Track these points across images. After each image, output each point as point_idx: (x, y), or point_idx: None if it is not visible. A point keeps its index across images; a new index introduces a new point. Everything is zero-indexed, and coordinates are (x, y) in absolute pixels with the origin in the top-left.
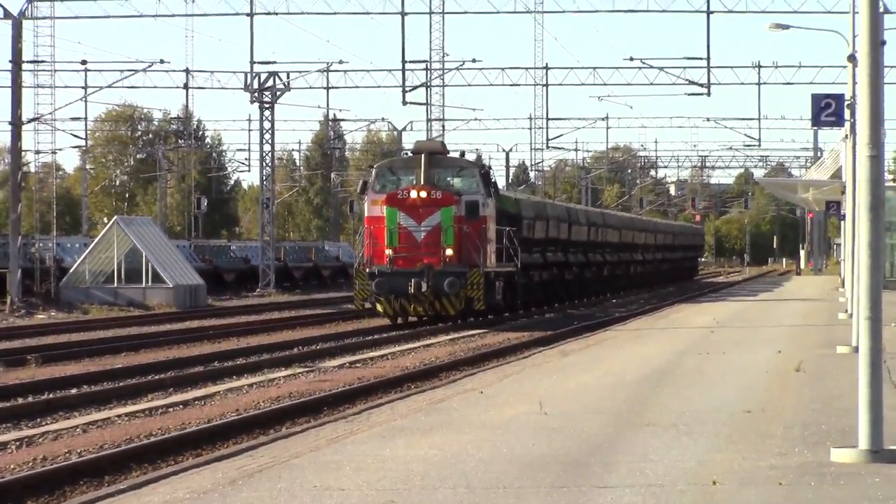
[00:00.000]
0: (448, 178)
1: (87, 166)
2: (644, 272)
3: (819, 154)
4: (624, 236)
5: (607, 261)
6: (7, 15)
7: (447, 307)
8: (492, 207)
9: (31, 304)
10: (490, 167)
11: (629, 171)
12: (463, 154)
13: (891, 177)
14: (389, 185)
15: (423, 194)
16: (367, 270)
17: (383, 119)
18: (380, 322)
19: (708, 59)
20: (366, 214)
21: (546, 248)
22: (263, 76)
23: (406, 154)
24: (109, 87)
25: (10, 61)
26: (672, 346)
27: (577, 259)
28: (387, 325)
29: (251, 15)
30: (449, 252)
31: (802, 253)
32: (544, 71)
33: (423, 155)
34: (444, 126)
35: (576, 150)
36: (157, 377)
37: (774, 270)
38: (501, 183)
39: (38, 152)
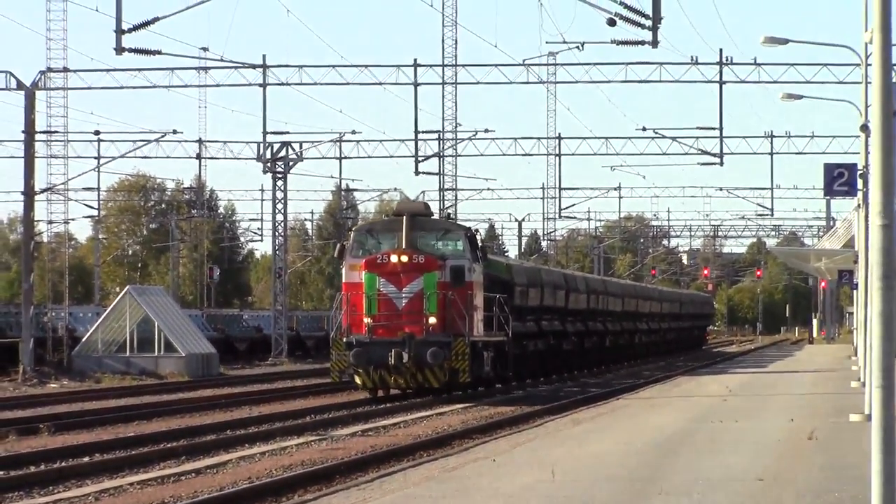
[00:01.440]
0: (432, 242)
1: (100, 236)
2: (649, 342)
3: (832, 223)
4: (627, 304)
5: (609, 330)
6: (20, 86)
7: (430, 379)
8: (479, 273)
9: (44, 374)
10: (477, 230)
11: (642, 240)
12: (449, 216)
13: None
14: (369, 249)
15: (405, 259)
16: (345, 340)
17: (396, 189)
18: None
19: (720, 128)
20: (343, 280)
21: (541, 317)
22: (276, 146)
23: (387, 217)
24: (122, 157)
25: (24, 132)
26: (684, 414)
27: (575, 328)
28: (397, 394)
29: (264, 86)
30: (432, 320)
31: (815, 321)
32: (557, 141)
33: (404, 217)
34: (456, 196)
35: (588, 219)
36: (169, 445)
37: (787, 339)
38: (513, 253)
39: (50, 222)
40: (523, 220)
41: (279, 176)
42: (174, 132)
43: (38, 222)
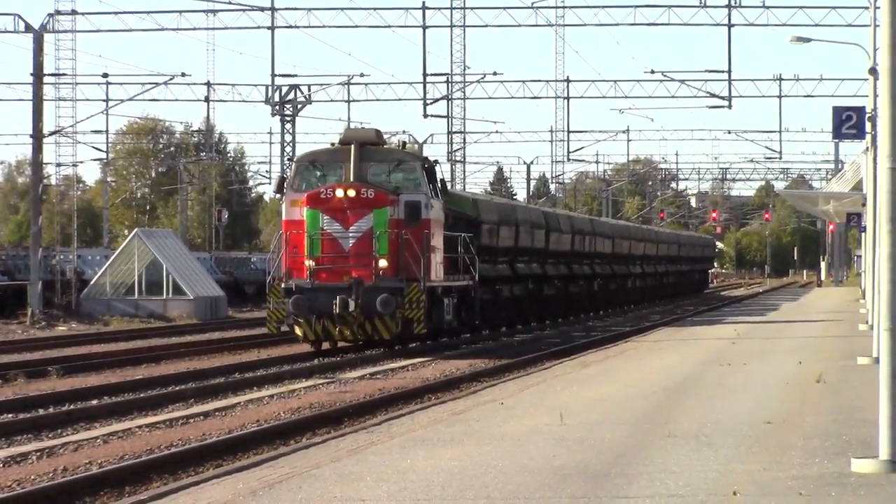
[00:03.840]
0: (384, 174)
1: (108, 179)
2: (644, 286)
3: (840, 166)
4: (618, 246)
5: (597, 273)
6: (29, 28)
7: (380, 330)
8: (438, 209)
9: (52, 316)
10: (437, 161)
11: (650, 183)
12: (404, 145)
13: None
14: (313, 183)
15: (352, 193)
16: (283, 286)
17: (404, 132)
18: None
19: (729, 71)
20: (283, 218)
21: (516, 258)
22: (284, 89)
23: (333, 145)
24: (131, 99)
25: (32, 74)
26: (693, 357)
27: (558, 271)
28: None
29: (272, 28)
30: (383, 263)
31: (823, 264)
32: (565, 84)
33: (352, 146)
34: (464, 138)
35: (597, 162)
36: (177, 388)
37: (795, 282)
38: (521, 195)
39: (59, 165)
40: (532, 163)
41: (287, 119)
42: (182, 75)
43: (47, 165)
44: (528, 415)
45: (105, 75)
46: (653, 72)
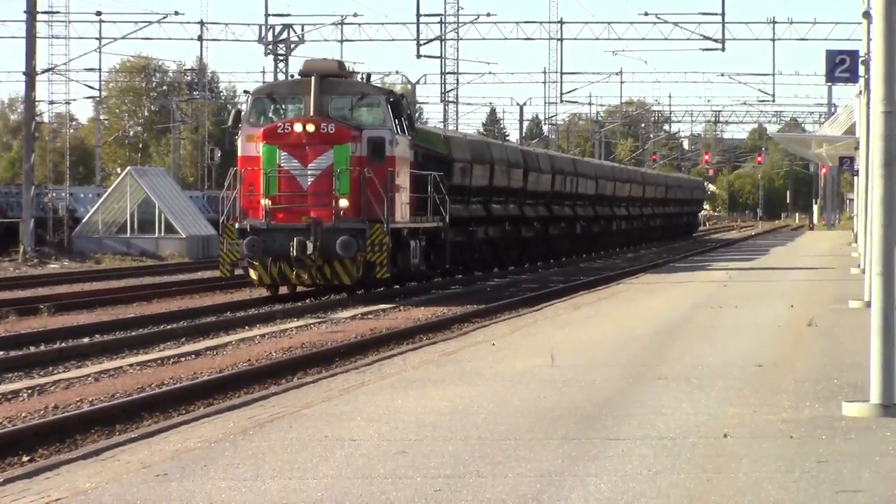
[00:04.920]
0: (346, 109)
1: (101, 117)
2: (630, 229)
3: (833, 110)
4: (602, 187)
5: (579, 216)
6: None
7: (340, 274)
8: (405, 146)
9: (44, 254)
10: (403, 96)
11: (643, 125)
12: (368, 78)
13: None
14: (270, 117)
15: (311, 128)
16: (237, 226)
17: (397, 72)
18: None
19: (723, 14)
20: (238, 154)
21: (491, 199)
22: (278, 29)
23: (294, 77)
24: (124, 38)
25: (25, 11)
26: (684, 300)
27: (537, 213)
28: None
29: None
30: (343, 203)
31: (815, 208)
32: (559, 25)
33: (312, 78)
34: (457, 79)
35: (590, 104)
36: (169, 327)
37: (787, 225)
38: (514, 137)
39: (51, 102)
40: (524, 104)
41: (281, 58)
42: (176, 13)
43: (40, 102)
44: (520, 356)
45: (98, 13)
46: (646, 14)
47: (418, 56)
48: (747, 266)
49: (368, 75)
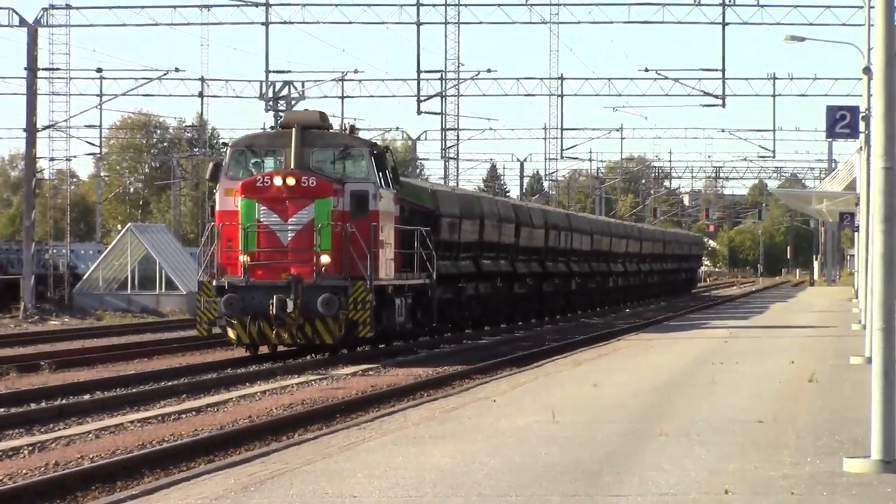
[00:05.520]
0: (328, 161)
1: (102, 173)
2: (627, 285)
3: (833, 166)
4: (597, 243)
5: (574, 272)
6: (23, 22)
7: (322, 333)
8: (389, 200)
9: (45, 311)
10: (388, 148)
11: (643, 181)
12: (352, 129)
13: None
14: (249, 170)
15: (292, 181)
16: (215, 283)
17: (398, 128)
18: None
19: (723, 70)
20: (217, 208)
21: (481, 255)
22: (278, 85)
23: (274, 129)
24: (125, 94)
25: (26, 68)
26: (685, 356)
27: (530, 269)
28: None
29: (266, 24)
30: (325, 259)
31: (816, 264)
32: (559, 81)
33: (293, 129)
34: (458, 136)
35: (590, 160)
36: (169, 383)
37: (788, 281)
38: (514, 193)
39: (52, 159)
40: (525, 160)
41: (281, 115)
42: (176, 70)
43: (40, 159)
44: (521, 412)
45: (99, 70)
46: (647, 70)
47: (419, 112)
48: (748, 322)
49: (352, 126)
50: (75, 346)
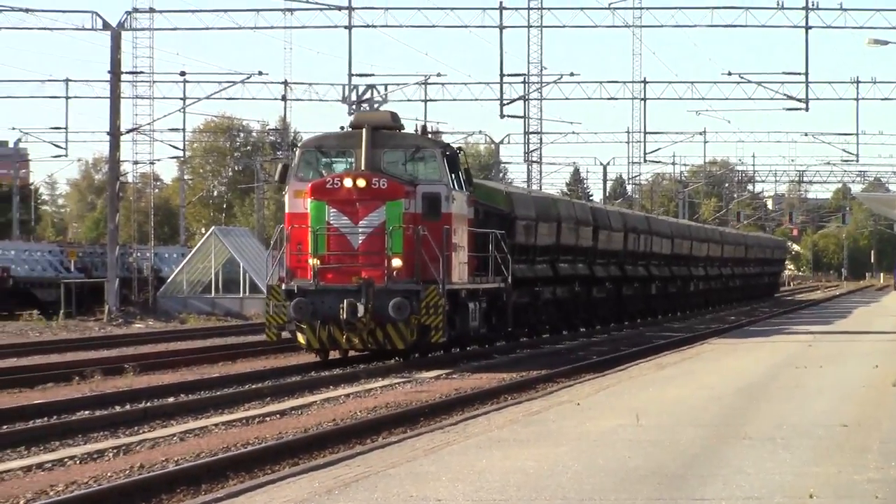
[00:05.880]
0: (399, 163)
1: (185, 177)
2: (708, 289)
3: None
4: (678, 247)
5: (654, 276)
6: (107, 26)
7: (393, 338)
8: (462, 202)
9: (129, 314)
10: (461, 149)
11: (726, 185)
12: (424, 130)
13: None
14: (320, 171)
15: (362, 183)
16: (285, 287)
17: (481, 132)
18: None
19: (806, 74)
20: (286, 210)
21: (558, 258)
22: (361, 88)
23: (345, 129)
24: (208, 98)
25: (110, 72)
26: (768, 360)
27: (608, 272)
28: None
29: (349, 27)
30: (396, 263)
31: None
32: (642, 85)
33: (364, 130)
34: (541, 139)
35: (673, 163)
36: (253, 386)
37: (872, 285)
38: (598, 196)
39: (136, 163)
40: (608, 164)
41: None
42: (259, 73)
43: (124, 162)
44: (604, 416)
45: (182, 73)
46: (730, 73)
47: (502, 116)
48: (831, 327)
49: (424, 127)
50: (159, 349)
